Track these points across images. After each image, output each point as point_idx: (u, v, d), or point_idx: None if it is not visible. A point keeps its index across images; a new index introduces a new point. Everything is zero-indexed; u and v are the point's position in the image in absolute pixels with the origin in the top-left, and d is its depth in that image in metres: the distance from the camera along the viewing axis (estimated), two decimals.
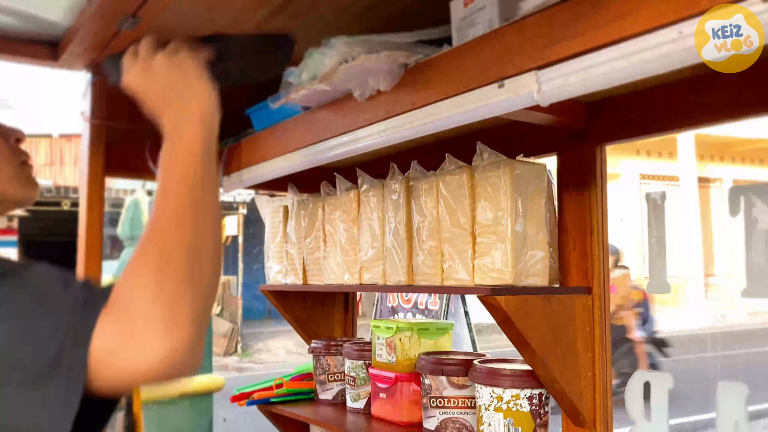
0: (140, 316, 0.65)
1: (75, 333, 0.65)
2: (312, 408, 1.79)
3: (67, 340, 0.64)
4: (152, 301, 0.66)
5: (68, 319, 0.65)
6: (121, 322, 0.65)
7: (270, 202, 1.95)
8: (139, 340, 0.64)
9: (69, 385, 0.64)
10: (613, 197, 1.34)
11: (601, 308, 1.26)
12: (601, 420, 1.25)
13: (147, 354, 0.64)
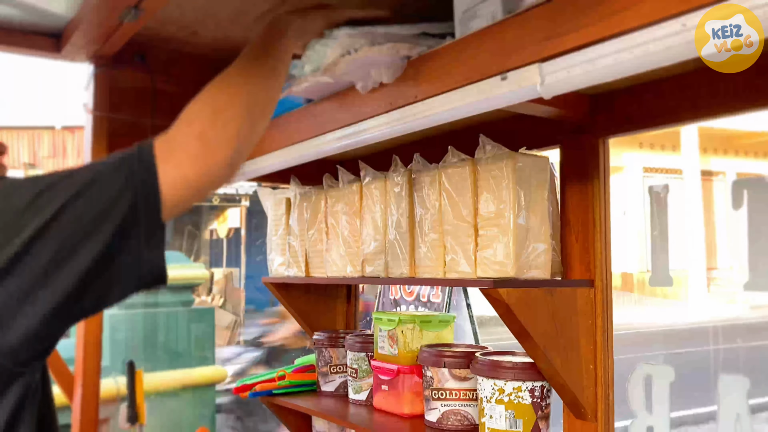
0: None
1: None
2: (314, 400, 1.80)
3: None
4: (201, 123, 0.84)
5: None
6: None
7: (272, 194, 1.95)
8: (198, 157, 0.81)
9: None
10: (616, 190, 1.34)
11: (603, 301, 1.26)
12: (603, 412, 1.25)
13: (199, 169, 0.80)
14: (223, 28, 1.77)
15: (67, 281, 0.73)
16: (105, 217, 0.75)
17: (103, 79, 1.84)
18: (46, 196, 0.74)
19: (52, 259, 0.72)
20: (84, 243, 0.73)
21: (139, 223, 0.76)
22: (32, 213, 0.73)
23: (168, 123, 0.87)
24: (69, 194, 0.74)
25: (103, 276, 0.75)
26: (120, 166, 0.78)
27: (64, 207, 0.74)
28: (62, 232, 0.73)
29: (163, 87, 1.90)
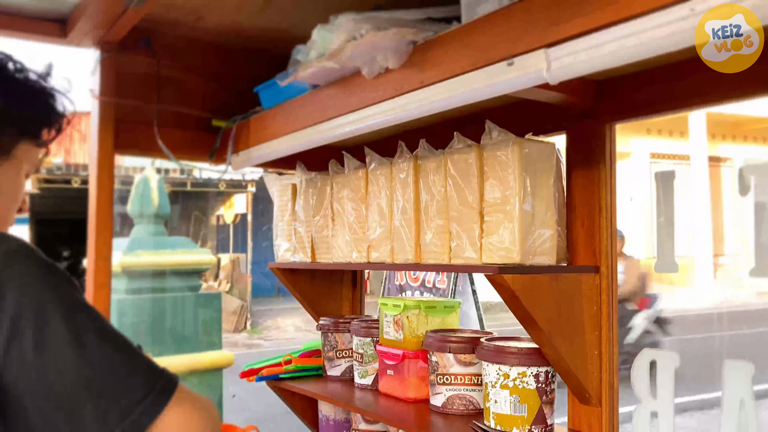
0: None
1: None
2: (320, 384, 1.81)
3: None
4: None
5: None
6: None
7: (278, 180, 1.96)
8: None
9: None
10: (622, 176, 1.34)
11: (608, 287, 1.26)
12: (607, 398, 1.26)
13: None
14: (228, 13, 1.77)
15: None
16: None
17: (109, 65, 1.84)
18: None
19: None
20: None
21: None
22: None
23: (174, 108, 0.87)
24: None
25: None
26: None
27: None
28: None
29: (168, 72, 1.90)
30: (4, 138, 0.93)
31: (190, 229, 15.35)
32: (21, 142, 0.96)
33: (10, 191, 0.96)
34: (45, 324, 0.77)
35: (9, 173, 0.95)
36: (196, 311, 4.38)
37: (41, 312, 0.77)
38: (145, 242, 4.46)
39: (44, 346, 0.76)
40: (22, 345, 0.75)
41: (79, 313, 0.81)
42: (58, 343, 0.77)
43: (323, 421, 1.92)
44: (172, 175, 11.77)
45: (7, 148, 0.93)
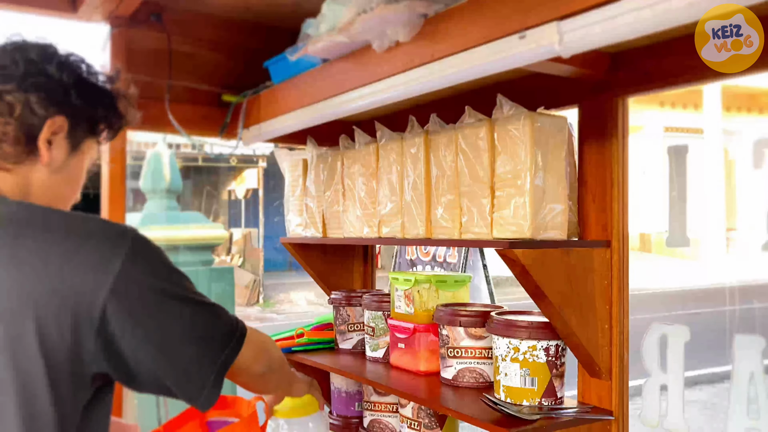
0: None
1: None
2: (332, 357, 1.84)
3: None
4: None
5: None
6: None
7: (289, 155, 1.96)
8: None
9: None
10: (635, 150, 1.33)
11: (619, 261, 1.26)
12: (617, 371, 1.27)
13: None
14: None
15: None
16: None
17: (119, 40, 1.84)
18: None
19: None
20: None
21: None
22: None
23: (184, 83, 0.88)
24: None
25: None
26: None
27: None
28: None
29: (179, 47, 1.90)
30: (78, 134, 1.03)
31: (202, 204, 15.43)
32: (88, 138, 1.06)
33: (75, 180, 1.07)
34: (169, 295, 0.96)
35: (77, 165, 1.06)
36: (210, 285, 4.42)
37: (164, 286, 0.96)
38: (157, 217, 4.49)
39: (169, 310, 0.95)
40: (152, 309, 0.94)
41: (184, 281, 1.00)
42: (178, 306, 0.97)
43: (335, 393, 1.95)
44: (184, 150, 11.80)
45: (78, 142, 1.04)
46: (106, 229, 0.96)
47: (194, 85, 1.91)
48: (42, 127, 0.97)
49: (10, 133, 0.95)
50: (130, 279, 0.92)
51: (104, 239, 0.93)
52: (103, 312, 0.89)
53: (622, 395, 1.27)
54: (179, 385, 0.99)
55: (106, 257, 0.91)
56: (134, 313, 0.92)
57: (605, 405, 1.28)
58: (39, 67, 0.98)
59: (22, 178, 0.99)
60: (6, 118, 0.95)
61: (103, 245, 0.92)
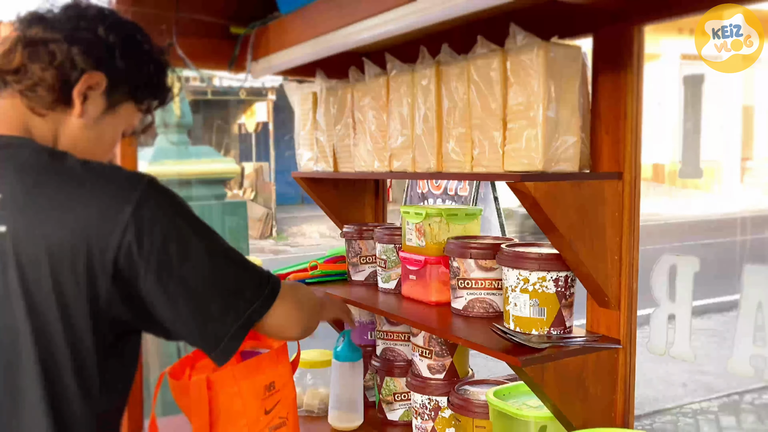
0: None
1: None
2: (345, 288, 1.87)
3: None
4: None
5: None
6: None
7: (299, 88, 1.94)
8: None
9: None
10: (651, 79, 1.30)
11: (631, 193, 1.26)
12: (626, 301, 1.28)
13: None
14: None
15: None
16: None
17: None
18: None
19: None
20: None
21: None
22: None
23: (192, 15, 0.88)
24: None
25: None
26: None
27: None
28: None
29: None
30: (117, 95, 1.06)
31: (212, 138, 15.39)
32: (127, 102, 1.09)
33: (108, 141, 1.09)
34: (186, 241, 0.97)
35: (110, 125, 1.08)
36: (223, 219, 4.47)
37: (181, 232, 0.97)
38: (169, 152, 4.51)
39: (187, 256, 0.97)
40: (168, 255, 0.95)
41: (207, 231, 1.02)
42: (198, 254, 0.98)
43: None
44: (192, 83, 11.68)
45: (115, 103, 1.07)
46: (121, 175, 0.97)
47: (202, 17, 1.87)
48: (79, 80, 1.00)
49: (47, 80, 0.98)
50: (143, 225, 0.93)
51: (118, 185, 0.95)
52: (116, 257, 0.91)
53: (630, 324, 1.29)
54: (196, 334, 1.01)
55: (118, 203, 0.93)
56: (149, 260, 0.93)
57: (613, 334, 1.30)
58: (90, 25, 1.02)
59: (54, 126, 1.01)
60: (46, 64, 0.98)
61: (117, 191, 0.94)
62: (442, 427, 1.66)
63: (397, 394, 1.82)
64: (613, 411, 1.30)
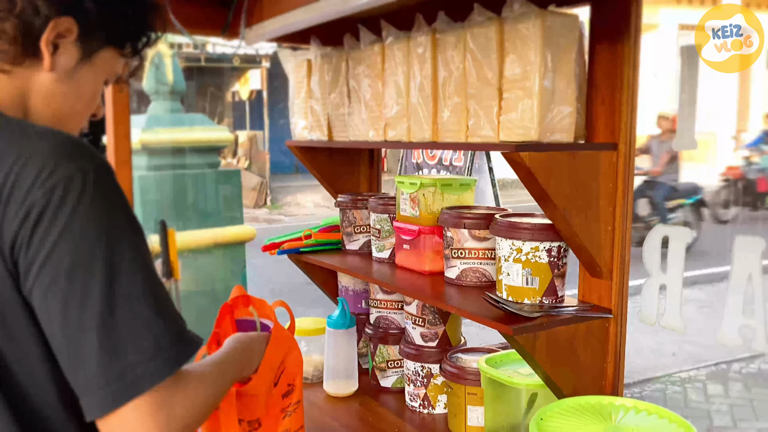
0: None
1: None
2: (339, 257, 1.88)
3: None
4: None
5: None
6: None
7: (293, 56, 1.92)
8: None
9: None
10: (648, 50, 1.29)
11: (625, 164, 1.26)
12: (618, 271, 1.29)
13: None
14: None
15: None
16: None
17: None
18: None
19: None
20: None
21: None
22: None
23: None
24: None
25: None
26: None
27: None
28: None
29: None
30: (92, 42, 0.93)
31: (206, 106, 15.26)
32: (106, 48, 0.96)
33: (87, 94, 0.97)
34: (88, 253, 0.77)
35: (88, 76, 0.96)
36: (217, 188, 4.46)
37: (88, 242, 0.77)
38: (162, 119, 4.47)
39: (76, 275, 0.76)
40: (57, 264, 0.76)
41: (124, 255, 0.79)
42: (92, 276, 0.77)
43: (343, 291, 2.01)
44: (186, 50, 11.53)
45: (91, 51, 0.94)
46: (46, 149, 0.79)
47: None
48: (45, 28, 0.88)
49: (8, 31, 0.87)
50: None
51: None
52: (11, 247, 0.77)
53: (622, 294, 1.31)
54: (67, 370, 0.79)
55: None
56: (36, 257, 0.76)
57: (605, 304, 1.32)
58: None
59: (22, 83, 0.90)
60: (5, 14, 0.86)
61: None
62: (434, 393, 1.68)
63: (390, 362, 1.84)
64: (603, 379, 1.32)
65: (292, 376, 1.36)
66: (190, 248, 4.08)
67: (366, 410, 1.75)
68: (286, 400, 1.35)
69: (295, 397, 1.37)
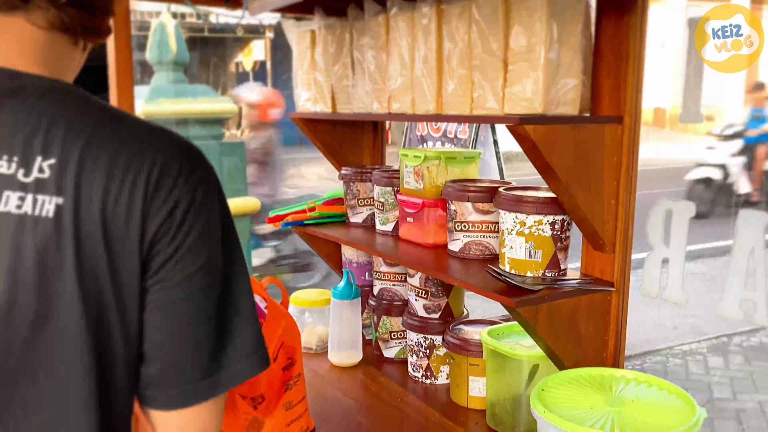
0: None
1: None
2: (343, 230, 1.88)
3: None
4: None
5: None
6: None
7: (296, 27, 1.90)
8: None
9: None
10: (655, 22, 1.28)
11: (630, 138, 1.26)
12: (621, 245, 1.30)
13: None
14: None
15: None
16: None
17: None
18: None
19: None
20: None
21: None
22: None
23: None
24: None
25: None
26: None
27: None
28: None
29: None
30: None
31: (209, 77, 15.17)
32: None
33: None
34: (218, 250, 0.79)
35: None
36: (221, 159, 4.46)
37: (218, 240, 0.79)
38: (166, 90, 4.45)
39: (209, 270, 0.78)
40: (195, 259, 0.77)
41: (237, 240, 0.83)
42: (218, 273, 0.79)
43: (346, 263, 2.02)
44: (189, 20, 11.43)
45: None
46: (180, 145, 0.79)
47: None
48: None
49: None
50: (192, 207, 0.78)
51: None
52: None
53: (624, 268, 1.31)
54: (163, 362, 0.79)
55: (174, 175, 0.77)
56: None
57: (607, 277, 1.32)
58: None
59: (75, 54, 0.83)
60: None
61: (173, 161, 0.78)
62: (437, 364, 1.70)
63: (393, 333, 1.86)
64: (604, 351, 1.33)
65: (291, 351, 1.38)
66: None
67: (369, 380, 1.77)
68: (287, 373, 1.37)
69: (296, 370, 1.39)
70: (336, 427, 1.50)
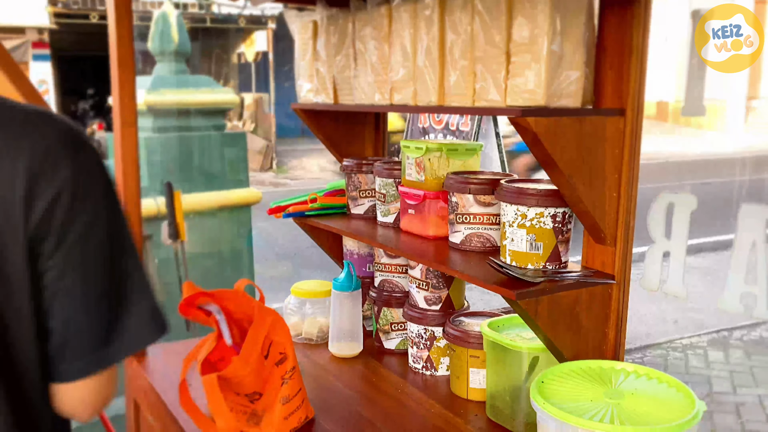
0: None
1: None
2: (344, 221, 1.88)
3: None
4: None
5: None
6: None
7: (299, 17, 1.90)
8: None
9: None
10: (659, 14, 1.27)
11: (632, 131, 1.26)
12: (622, 238, 1.30)
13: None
14: None
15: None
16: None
17: None
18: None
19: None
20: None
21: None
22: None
23: None
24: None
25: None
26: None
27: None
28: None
29: None
30: None
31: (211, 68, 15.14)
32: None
33: None
34: (114, 230, 0.84)
35: None
36: (222, 150, 4.45)
37: (108, 220, 0.83)
38: (167, 80, 4.44)
39: (103, 247, 0.82)
40: (87, 238, 0.80)
41: (120, 241, 0.86)
42: (116, 249, 0.84)
43: (347, 255, 2.02)
44: (191, 10, 11.40)
45: None
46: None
47: None
48: None
49: None
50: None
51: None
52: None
53: (625, 261, 1.31)
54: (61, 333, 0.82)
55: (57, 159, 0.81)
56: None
57: (608, 270, 1.32)
58: None
59: None
60: None
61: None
62: (437, 356, 1.71)
63: (393, 324, 1.86)
64: (604, 344, 1.33)
65: (282, 346, 1.39)
66: (195, 210, 4.09)
67: (370, 371, 1.78)
68: (281, 368, 1.38)
69: (290, 363, 1.40)
70: (336, 419, 1.51)
